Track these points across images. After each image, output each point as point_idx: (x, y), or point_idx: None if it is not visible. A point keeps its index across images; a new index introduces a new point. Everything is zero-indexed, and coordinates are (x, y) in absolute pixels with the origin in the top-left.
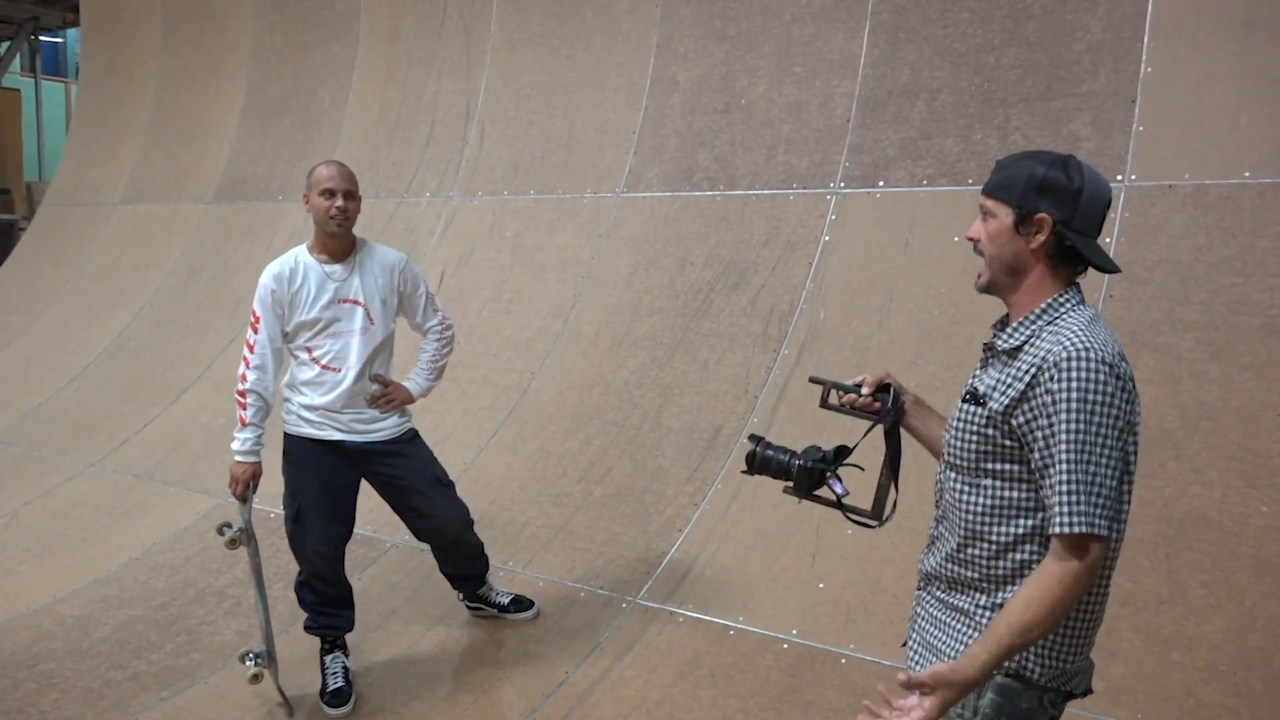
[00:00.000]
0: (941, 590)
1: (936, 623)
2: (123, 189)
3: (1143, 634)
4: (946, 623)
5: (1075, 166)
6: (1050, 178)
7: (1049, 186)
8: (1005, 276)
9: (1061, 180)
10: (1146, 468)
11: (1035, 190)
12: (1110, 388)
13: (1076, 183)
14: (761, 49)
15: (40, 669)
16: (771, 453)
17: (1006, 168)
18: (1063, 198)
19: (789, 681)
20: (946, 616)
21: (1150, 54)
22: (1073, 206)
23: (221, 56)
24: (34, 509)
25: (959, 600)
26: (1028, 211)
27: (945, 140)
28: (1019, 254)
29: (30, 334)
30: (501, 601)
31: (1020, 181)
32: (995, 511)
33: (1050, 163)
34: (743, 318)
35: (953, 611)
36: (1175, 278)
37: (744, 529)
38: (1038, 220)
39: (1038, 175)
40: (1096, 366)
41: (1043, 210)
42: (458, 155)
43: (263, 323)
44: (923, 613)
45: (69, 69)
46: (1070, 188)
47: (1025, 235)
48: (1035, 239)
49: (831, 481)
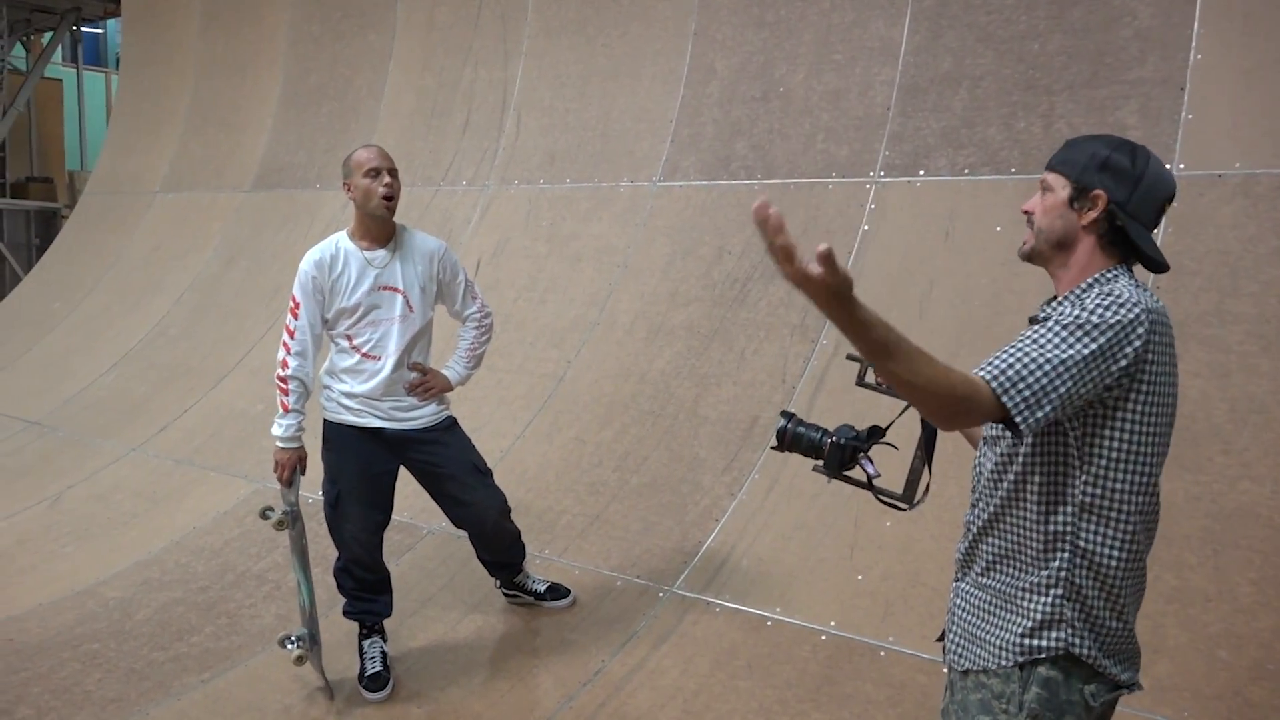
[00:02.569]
0: (979, 572)
1: (975, 611)
2: (162, 177)
3: (1189, 631)
4: (986, 610)
5: (1143, 154)
6: (1114, 159)
7: (1110, 166)
8: (1050, 249)
9: (1124, 162)
10: (1194, 462)
11: (1096, 167)
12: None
13: (1139, 168)
14: (800, 36)
15: (84, 649)
16: (803, 429)
17: (1074, 145)
18: (1122, 178)
19: (826, 674)
20: (985, 603)
21: (1200, 40)
22: (1130, 189)
23: (259, 46)
24: (77, 492)
25: (997, 582)
26: (1085, 186)
27: (988, 129)
28: (1069, 228)
29: (72, 321)
30: (538, 589)
31: (1084, 158)
32: (1029, 481)
33: (1117, 145)
34: (780, 307)
35: (992, 596)
36: (1224, 269)
37: (781, 520)
38: (1093, 196)
39: (1101, 154)
40: (1120, 302)
41: (1099, 187)
42: (494, 144)
43: (303, 308)
44: (961, 603)
45: (109, 59)
46: (1132, 171)
47: (1079, 210)
48: (1087, 215)
49: (863, 461)
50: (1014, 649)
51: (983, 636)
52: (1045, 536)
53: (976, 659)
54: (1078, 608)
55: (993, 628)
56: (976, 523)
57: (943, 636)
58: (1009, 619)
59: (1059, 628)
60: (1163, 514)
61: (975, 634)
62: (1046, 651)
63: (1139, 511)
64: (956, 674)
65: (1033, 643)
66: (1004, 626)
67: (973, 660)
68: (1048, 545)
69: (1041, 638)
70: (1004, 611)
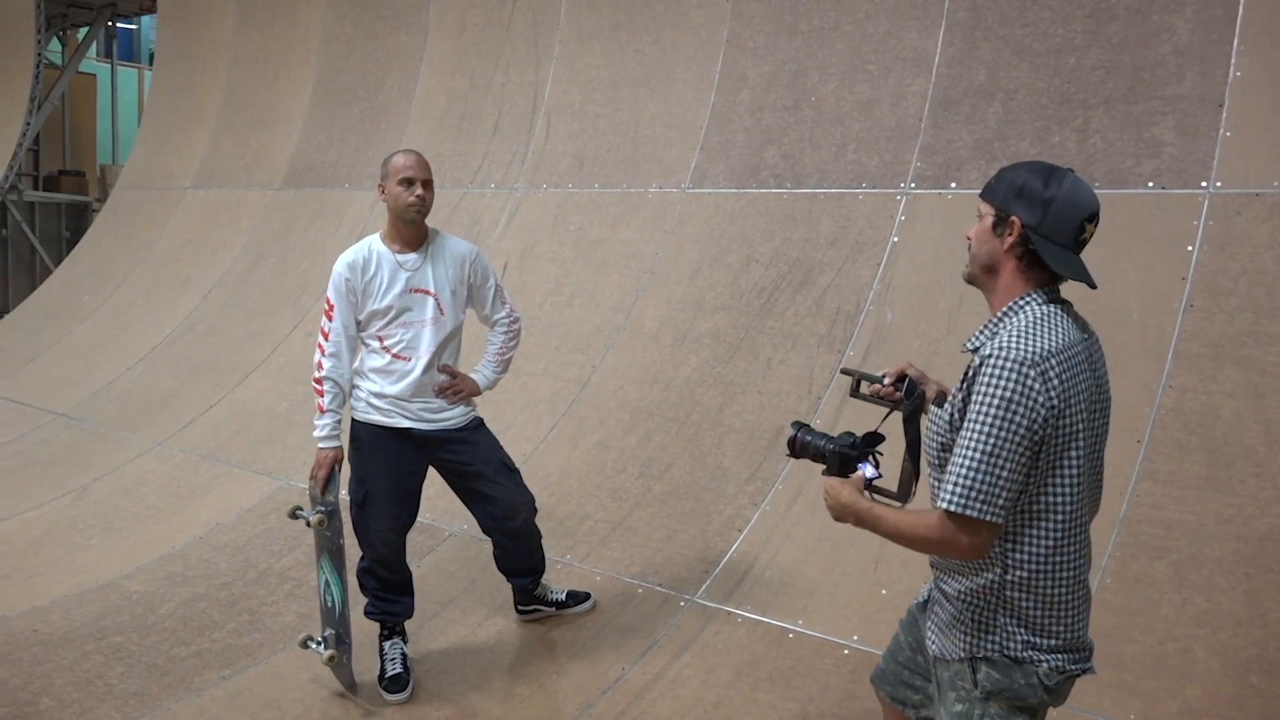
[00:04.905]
0: (938, 571)
1: (941, 606)
2: (193, 173)
3: (1220, 656)
4: (946, 608)
5: (1058, 177)
6: (1028, 184)
7: (1024, 192)
8: (981, 273)
9: (1037, 187)
10: (1226, 484)
11: (1014, 194)
12: (1013, 387)
13: (1050, 191)
14: (833, 45)
15: (108, 642)
16: (810, 438)
17: (1001, 174)
18: (1033, 203)
19: (849, 688)
20: (945, 600)
21: (1240, 57)
22: (1042, 212)
23: (292, 45)
24: (103, 485)
25: (948, 586)
26: (1003, 214)
27: (1021, 142)
28: (994, 253)
29: (102, 313)
30: (558, 598)
31: (1004, 185)
32: None
33: (1035, 171)
34: (807, 317)
35: (947, 598)
36: (1261, 289)
37: (805, 531)
38: (1010, 222)
39: (1018, 181)
40: (1007, 366)
41: (1014, 213)
42: (523, 147)
43: (337, 310)
44: (935, 595)
45: (143, 55)
46: (1043, 195)
47: (1000, 236)
48: (1006, 240)
49: (862, 465)
50: (962, 645)
51: (944, 630)
52: None
53: (942, 648)
54: (1010, 614)
55: (950, 623)
56: None
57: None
58: (959, 618)
59: (995, 633)
60: (1193, 537)
61: (940, 626)
62: (985, 651)
63: (1062, 534)
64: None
65: (974, 641)
66: (956, 624)
67: (939, 649)
68: (981, 563)
69: (981, 639)
70: (956, 611)
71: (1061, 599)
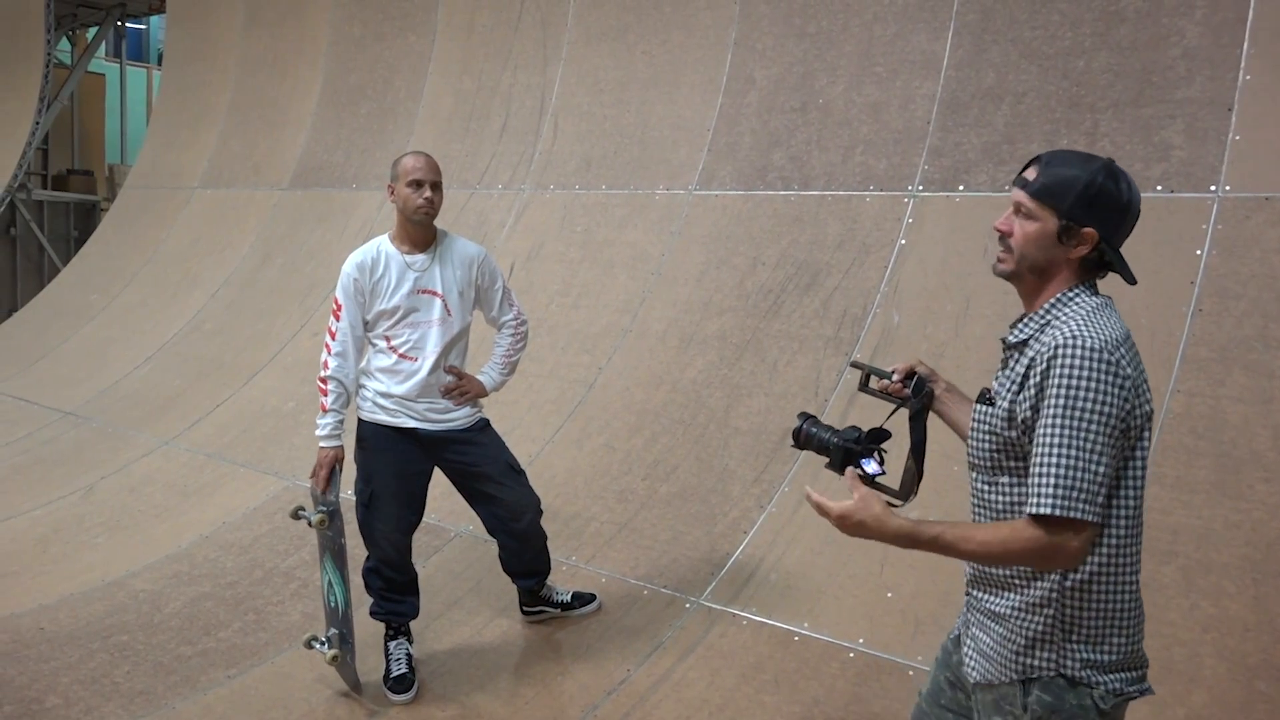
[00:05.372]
0: (980, 591)
1: (982, 627)
2: (202, 173)
3: (1227, 661)
4: (990, 627)
5: (1123, 176)
6: (1104, 190)
7: (1101, 200)
8: (1031, 275)
9: (1113, 193)
10: (1234, 489)
11: (1087, 203)
12: (1097, 375)
13: (1125, 196)
14: (842, 48)
15: (114, 640)
16: (815, 430)
17: (1054, 169)
18: (1111, 212)
19: (855, 691)
20: (989, 620)
21: (1250, 60)
22: (1119, 221)
23: (301, 45)
24: (109, 483)
25: (995, 604)
26: (1075, 224)
27: (1030, 145)
28: (1054, 260)
29: (110, 312)
30: (564, 599)
31: (1073, 192)
32: (1015, 508)
33: (1100, 171)
34: (814, 320)
35: (992, 616)
36: (1270, 293)
37: (811, 534)
38: (1085, 234)
39: (1094, 186)
40: (1084, 354)
41: (1091, 225)
42: (531, 148)
43: (344, 310)
44: (972, 618)
45: (152, 54)
46: (1120, 201)
47: (1066, 245)
48: (1077, 251)
49: (864, 461)
50: (1012, 667)
51: (988, 653)
52: None
53: (985, 672)
54: (1068, 628)
55: (994, 641)
56: None
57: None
58: (1006, 635)
59: (1049, 648)
60: (1201, 542)
61: (983, 649)
62: (1039, 671)
63: (1126, 534)
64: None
65: (1027, 661)
66: (1003, 644)
67: (982, 674)
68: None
69: (1034, 657)
70: (1001, 628)
71: (1123, 607)
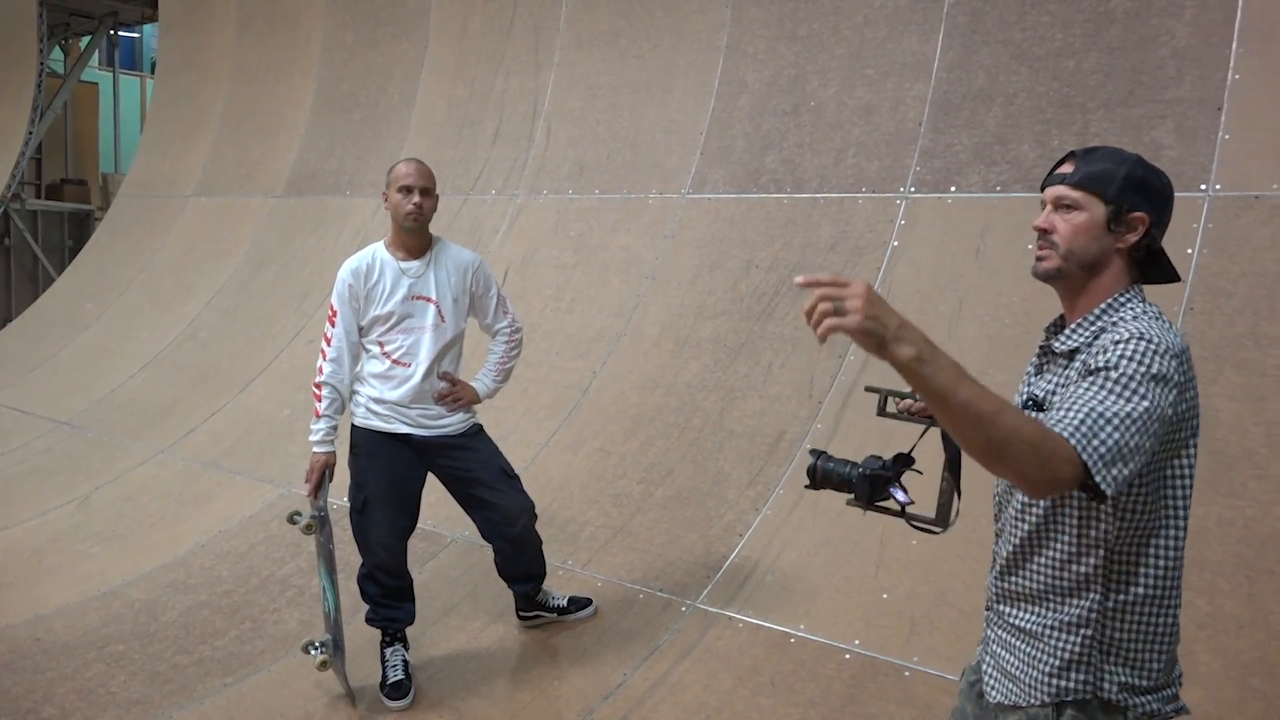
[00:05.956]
0: (1007, 607)
1: (1007, 646)
2: (195, 181)
3: (1221, 658)
4: (1017, 646)
5: (1156, 170)
6: (1148, 177)
7: (1146, 186)
8: (1080, 270)
9: (1155, 181)
10: (1227, 486)
11: (1134, 188)
12: (1166, 366)
13: (1164, 184)
14: (833, 51)
15: (109, 650)
16: (832, 465)
17: (1094, 161)
18: (1157, 198)
19: (851, 693)
20: (1015, 639)
21: (1239, 60)
22: (1164, 207)
23: (294, 53)
24: (105, 493)
25: (1025, 620)
26: (1126, 209)
27: (1021, 146)
28: (1104, 251)
29: (104, 321)
30: (560, 604)
31: (1118, 178)
32: (1057, 519)
33: (1139, 162)
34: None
35: (1021, 634)
36: (1261, 291)
37: (806, 536)
38: (1134, 219)
39: (1137, 174)
40: (1160, 350)
41: (1140, 209)
42: (524, 153)
43: (339, 316)
44: (994, 636)
45: (145, 63)
46: (1161, 188)
47: (1116, 233)
48: (1127, 238)
49: (894, 490)
50: (1043, 688)
51: (1014, 673)
52: (1075, 577)
53: (1010, 694)
54: (1107, 649)
55: (1023, 665)
56: (1003, 555)
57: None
58: (1037, 656)
59: (1085, 670)
60: (1194, 539)
61: (1007, 669)
62: (1074, 694)
63: (1172, 550)
64: (993, 706)
65: (1060, 683)
66: (1033, 664)
67: (1005, 695)
68: (1077, 585)
69: (1068, 679)
70: (1032, 649)
71: (1166, 631)
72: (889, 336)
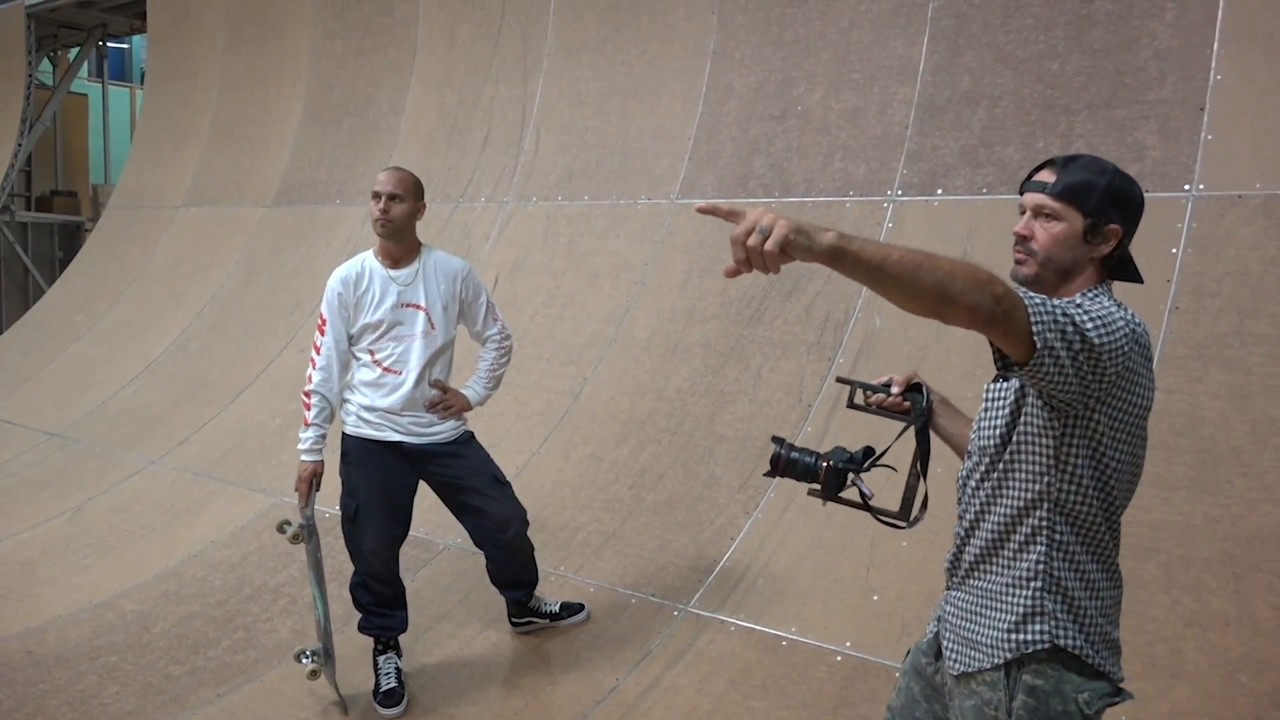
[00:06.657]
0: (964, 575)
1: (965, 614)
2: (185, 192)
3: (1209, 656)
4: (974, 611)
5: (1130, 177)
6: (1123, 189)
7: (1121, 198)
8: (1055, 277)
9: (1130, 192)
10: (1214, 484)
11: (1109, 201)
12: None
13: (1138, 194)
14: (819, 55)
15: (102, 661)
16: (796, 454)
17: (1073, 172)
18: (1130, 210)
19: (843, 694)
20: (973, 604)
21: (1220, 61)
22: (1137, 217)
23: (282, 62)
24: (97, 504)
25: (982, 582)
26: (1101, 222)
27: (1006, 148)
28: (1079, 259)
29: (95, 332)
30: (552, 610)
31: (1097, 189)
32: (1009, 478)
33: (1116, 173)
34: (797, 325)
35: (978, 596)
36: (1245, 290)
37: (797, 539)
38: (1109, 230)
39: (1114, 186)
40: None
41: (1115, 222)
42: (513, 160)
43: (329, 325)
44: (951, 609)
45: (134, 74)
46: (1135, 199)
47: (1092, 244)
48: (1101, 249)
49: (858, 482)
50: (1002, 645)
51: (974, 638)
52: (1023, 532)
53: (971, 660)
54: (1059, 599)
55: (981, 627)
56: (961, 529)
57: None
58: (995, 616)
59: (1042, 620)
60: (1182, 537)
61: (967, 636)
62: (1033, 645)
63: (1102, 513)
64: (952, 680)
65: (1019, 637)
66: (992, 624)
67: (967, 663)
68: (1025, 540)
69: (1026, 631)
70: (990, 610)
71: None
72: (811, 231)
